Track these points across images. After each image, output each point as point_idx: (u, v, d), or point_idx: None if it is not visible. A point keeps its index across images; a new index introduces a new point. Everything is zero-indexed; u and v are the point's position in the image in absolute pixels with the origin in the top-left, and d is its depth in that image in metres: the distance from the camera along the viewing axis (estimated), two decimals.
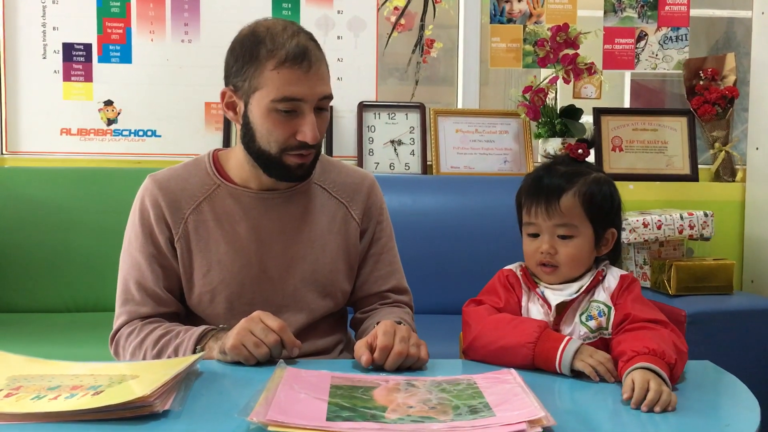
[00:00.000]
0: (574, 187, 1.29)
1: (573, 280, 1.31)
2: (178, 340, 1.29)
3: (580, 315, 1.28)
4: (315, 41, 1.33)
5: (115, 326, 1.39)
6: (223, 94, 1.36)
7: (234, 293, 1.37)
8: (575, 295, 1.28)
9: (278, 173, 1.36)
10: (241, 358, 1.19)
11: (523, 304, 1.32)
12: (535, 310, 1.30)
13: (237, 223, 1.38)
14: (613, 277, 1.31)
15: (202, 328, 1.30)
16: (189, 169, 1.42)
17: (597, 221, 1.30)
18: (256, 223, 1.39)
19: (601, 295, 1.29)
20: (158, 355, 1.30)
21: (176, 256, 1.38)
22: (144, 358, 1.32)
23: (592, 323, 1.27)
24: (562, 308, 1.29)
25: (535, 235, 1.31)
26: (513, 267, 1.36)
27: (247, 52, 1.30)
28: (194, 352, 1.26)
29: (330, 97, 1.34)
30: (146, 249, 1.38)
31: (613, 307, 1.27)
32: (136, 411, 0.93)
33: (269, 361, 1.19)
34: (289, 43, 1.28)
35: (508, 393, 1.02)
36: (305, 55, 1.28)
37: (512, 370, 1.13)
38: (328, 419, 0.91)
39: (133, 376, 1.05)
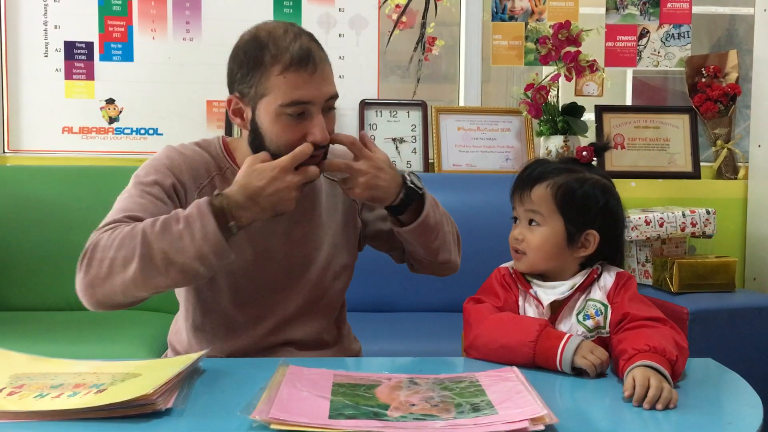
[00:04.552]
0: (552, 179, 1.30)
1: (563, 278, 1.30)
2: (186, 212, 1.21)
3: (577, 314, 1.28)
4: (317, 42, 1.33)
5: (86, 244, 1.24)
6: (229, 102, 1.35)
7: (239, 270, 1.37)
8: (568, 293, 1.28)
9: None
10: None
11: (520, 303, 1.32)
12: (531, 310, 1.30)
13: None
14: (609, 275, 1.31)
15: (204, 199, 1.22)
16: (202, 147, 1.42)
17: (570, 218, 1.29)
18: None
19: (597, 293, 1.29)
20: (163, 230, 1.19)
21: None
22: (144, 237, 1.18)
23: (590, 322, 1.27)
24: (557, 307, 1.29)
25: (516, 220, 1.35)
26: (508, 265, 1.37)
27: (251, 59, 1.29)
28: (214, 217, 1.19)
29: (336, 96, 1.34)
30: (152, 191, 1.31)
31: (609, 306, 1.27)
32: (139, 409, 0.93)
33: (271, 359, 1.19)
34: (293, 46, 1.27)
35: (511, 391, 1.02)
36: (309, 58, 1.27)
37: (514, 368, 1.13)
38: (330, 417, 0.91)
39: (135, 375, 1.05)
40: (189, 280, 1.27)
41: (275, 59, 1.27)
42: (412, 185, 1.36)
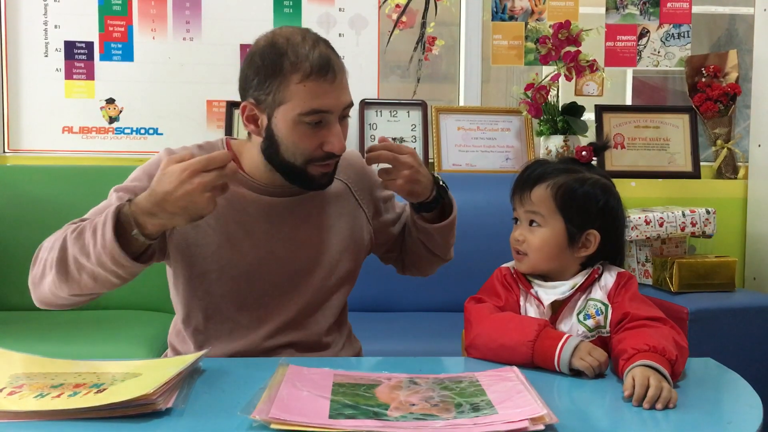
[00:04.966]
0: (552, 180, 1.30)
1: (564, 278, 1.31)
2: (97, 219, 1.20)
3: (578, 314, 1.28)
4: (333, 49, 1.31)
5: None
6: (243, 108, 1.33)
7: (242, 272, 1.37)
8: (568, 293, 1.28)
9: (302, 183, 1.36)
10: (202, 211, 1.16)
11: (521, 303, 1.32)
12: (532, 310, 1.31)
13: (248, 204, 1.38)
14: (609, 275, 1.31)
15: (114, 206, 1.19)
16: (204, 150, 1.40)
17: (570, 218, 1.29)
18: (267, 204, 1.39)
19: (598, 293, 1.29)
20: (78, 236, 1.20)
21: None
22: (63, 242, 1.20)
23: (590, 322, 1.27)
24: (558, 307, 1.29)
25: (517, 221, 1.35)
26: (509, 265, 1.37)
27: (269, 66, 1.27)
28: (115, 224, 1.16)
29: (352, 105, 1.34)
30: (126, 197, 1.28)
31: (610, 306, 1.27)
32: (139, 409, 0.93)
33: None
34: (312, 54, 1.26)
35: (511, 390, 1.02)
36: (329, 66, 1.26)
37: (514, 368, 1.13)
38: (330, 417, 0.91)
39: (135, 374, 1.05)
40: (102, 287, 1.23)
41: (295, 67, 1.25)
42: (443, 185, 1.44)
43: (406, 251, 1.57)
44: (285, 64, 1.26)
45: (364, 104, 2.88)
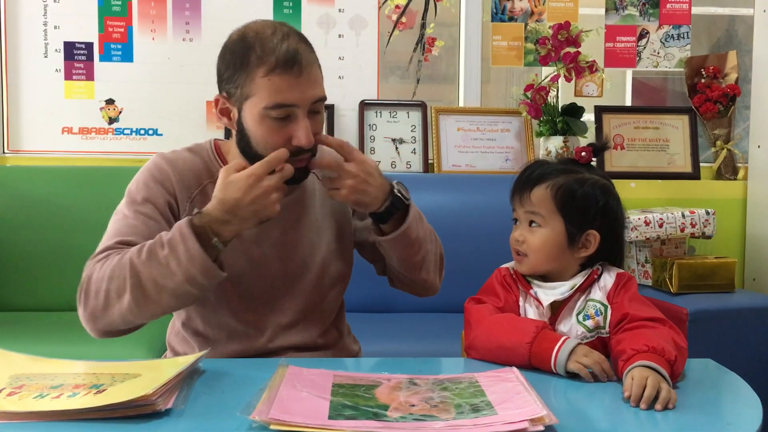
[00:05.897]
0: (552, 180, 1.30)
1: (564, 279, 1.31)
2: (169, 236, 1.21)
3: (577, 315, 1.28)
4: (306, 42, 1.30)
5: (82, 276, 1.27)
6: (216, 101, 1.34)
7: (234, 276, 1.36)
8: (568, 294, 1.28)
9: None
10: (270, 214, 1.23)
11: (521, 304, 1.32)
12: (531, 311, 1.31)
13: None
14: (609, 275, 1.31)
15: (185, 220, 1.22)
16: (193, 154, 1.41)
17: (570, 219, 1.29)
18: None
19: (597, 294, 1.29)
20: (149, 258, 1.20)
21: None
22: (132, 267, 1.20)
23: (590, 323, 1.27)
24: (558, 307, 1.29)
25: (516, 222, 1.35)
26: (509, 266, 1.37)
27: (237, 59, 1.28)
28: (197, 237, 1.18)
29: (323, 99, 1.31)
30: (144, 210, 1.32)
31: (609, 306, 1.28)
32: (139, 410, 0.93)
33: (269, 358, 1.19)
34: (279, 48, 1.25)
35: (510, 391, 1.02)
36: (295, 60, 1.25)
37: (514, 369, 1.13)
38: (330, 418, 0.91)
39: (135, 375, 1.05)
40: (183, 303, 1.28)
41: (261, 61, 1.25)
42: (399, 194, 1.35)
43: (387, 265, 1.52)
44: (252, 58, 1.26)
45: (364, 105, 2.88)
